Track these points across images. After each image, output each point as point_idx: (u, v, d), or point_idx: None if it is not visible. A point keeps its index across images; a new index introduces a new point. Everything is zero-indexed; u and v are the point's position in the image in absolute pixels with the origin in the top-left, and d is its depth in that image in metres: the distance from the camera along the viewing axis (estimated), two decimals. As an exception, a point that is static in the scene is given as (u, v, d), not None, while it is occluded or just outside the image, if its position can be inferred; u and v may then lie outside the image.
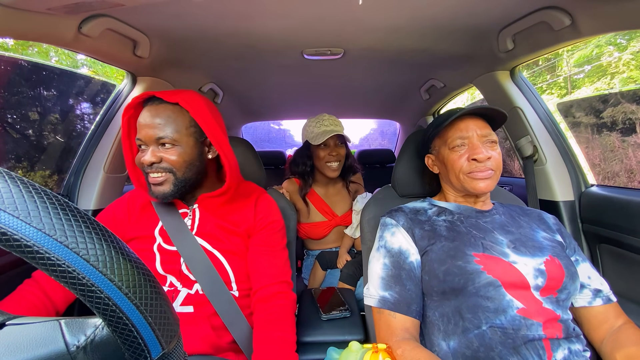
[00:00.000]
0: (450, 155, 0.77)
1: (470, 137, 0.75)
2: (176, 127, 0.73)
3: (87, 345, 0.24)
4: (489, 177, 0.73)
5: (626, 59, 3.78)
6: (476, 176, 0.73)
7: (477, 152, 0.72)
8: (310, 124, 1.35)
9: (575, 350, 0.62)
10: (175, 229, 0.79)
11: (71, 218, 0.23)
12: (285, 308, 0.78)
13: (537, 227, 0.77)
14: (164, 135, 0.72)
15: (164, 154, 0.73)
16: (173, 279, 0.78)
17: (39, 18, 0.74)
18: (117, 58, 1.04)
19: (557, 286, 0.65)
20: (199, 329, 0.74)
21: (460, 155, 0.75)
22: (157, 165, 0.73)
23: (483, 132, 0.75)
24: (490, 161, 0.73)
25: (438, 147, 0.82)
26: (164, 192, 0.74)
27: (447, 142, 0.78)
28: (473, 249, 0.69)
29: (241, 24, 0.96)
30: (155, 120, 0.72)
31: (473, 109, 0.76)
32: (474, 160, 0.73)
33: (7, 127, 1.72)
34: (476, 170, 0.73)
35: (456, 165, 0.75)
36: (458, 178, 0.76)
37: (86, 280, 0.23)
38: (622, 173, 3.51)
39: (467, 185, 0.75)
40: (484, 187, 0.73)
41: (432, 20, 0.95)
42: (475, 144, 0.74)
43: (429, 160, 0.87)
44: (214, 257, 0.80)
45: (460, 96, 1.83)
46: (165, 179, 0.74)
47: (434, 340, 0.67)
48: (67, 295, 0.76)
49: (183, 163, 0.74)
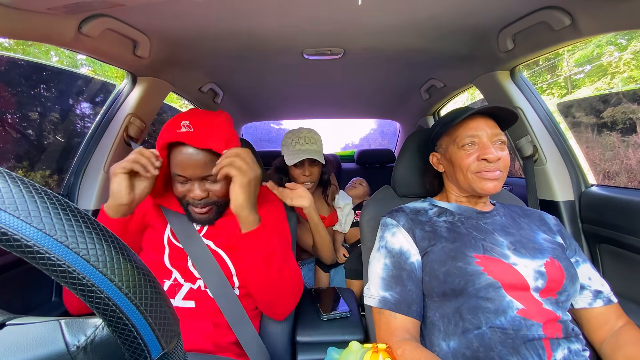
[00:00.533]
0: (459, 154, 0.76)
1: (480, 137, 0.74)
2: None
3: (87, 346, 0.24)
4: (497, 178, 0.73)
5: (626, 58, 3.78)
6: (485, 176, 0.73)
7: (488, 152, 0.72)
8: (287, 140, 1.31)
9: (575, 349, 0.62)
10: (183, 231, 0.83)
11: (71, 218, 0.24)
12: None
13: (538, 229, 0.77)
14: (209, 173, 0.75)
15: (210, 188, 0.78)
16: (178, 275, 0.80)
17: (39, 18, 0.74)
18: (117, 58, 1.04)
19: (557, 288, 0.65)
20: (199, 324, 0.74)
21: (469, 154, 0.74)
22: (206, 200, 0.78)
23: (493, 131, 0.74)
24: (500, 162, 0.73)
25: (445, 146, 0.81)
26: (208, 218, 0.81)
27: (456, 140, 0.77)
28: (474, 250, 0.69)
29: (241, 23, 0.96)
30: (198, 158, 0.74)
31: (485, 108, 0.75)
32: (483, 160, 0.72)
33: (7, 127, 1.72)
34: (485, 170, 0.73)
35: (465, 163, 0.74)
36: (466, 177, 0.75)
37: (86, 281, 0.23)
38: (622, 173, 3.51)
39: (474, 185, 0.74)
40: (491, 187, 0.73)
41: (432, 20, 0.95)
42: (485, 144, 0.73)
43: (434, 158, 0.85)
44: (217, 254, 0.82)
45: (460, 96, 1.83)
46: (209, 209, 0.80)
47: (434, 340, 0.67)
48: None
49: (226, 193, 0.77)
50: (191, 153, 0.74)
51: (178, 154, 0.75)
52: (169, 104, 2.56)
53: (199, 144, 0.72)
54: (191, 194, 0.76)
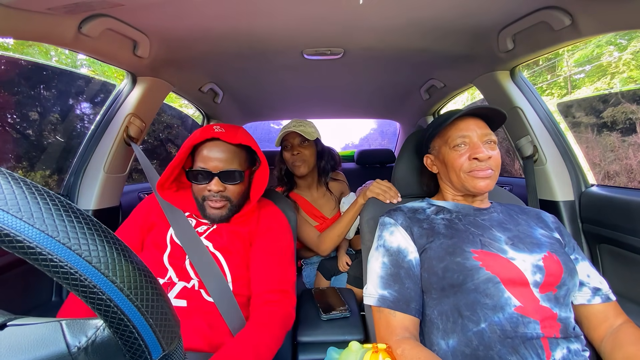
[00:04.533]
0: (451, 154, 0.78)
1: (470, 137, 0.76)
2: (239, 161, 0.85)
3: (88, 347, 0.24)
4: (489, 177, 0.75)
5: (626, 58, 3.78)
6: (477, 175, 0.75)
7: (478, 151, 0.74)
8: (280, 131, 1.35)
9: (575, 349, 0.62)
10: (183, 231, 0.85)
11: (74, 219, 0.24)
12: (275, 315, 0.76)
13: (535, 225, 0.78)
14: (230, 168, 0.83)
15: (228, 185, 0.84)
16: (173, 274, 0.80)
17: (39, 18, 0.74)
18: (117, 58, 1.04)
19: (556, 282, 0.66)
20: (192, 323, 0.74)
21: (461, 154, 0.76)
22: (222, 193, 0.83)
23: (483, 131, 0.76)
24: (491, 161, 0.75)
25: (438, 147, 0.83)
26: (220, 215, 0.85)
27: (447, 141, 0.79)
28: (471, 246, 0.69)
29: (241, 23, 0.96)
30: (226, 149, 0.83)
31: (473, 109, 0.77)
32: (475, 160, 0.74)
33: (7, 127, 1.72)
34: (477, 169, 0.75)
35: (457, 163, 0.76)
36: (459, 177, 0.77)
37: (88, 282, 0.23)
38: (622, 173, 3.51)
39: (467, 184, 0.76)
40: (484, 186, 0.75)
41: (432, 20, 0.95)
42: (476, 143, 0.75)
43: (428, 160, 0.87)
44: (215, 257, 0.83)
45: (460, 96, 1.83)
46: (224, 204, 0.84)
47: (433, 339, 0.68)
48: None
49: (241, 192, 0.86)
50: (221, 146, 0.83)
51: (208, 149, 0.83)
52: (169, 104, 2.56)
53: (231, 140, 0.83)
54: (209, 186, 0.82)
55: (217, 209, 0.84)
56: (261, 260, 0.84)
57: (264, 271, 0.83)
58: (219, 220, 0.86)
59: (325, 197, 1.45)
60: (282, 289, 0.81)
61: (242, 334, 0.71)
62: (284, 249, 0.89)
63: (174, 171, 0.87)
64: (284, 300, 0.80)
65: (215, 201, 0.83)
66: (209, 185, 0.82)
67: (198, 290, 0.78)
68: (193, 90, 1.54)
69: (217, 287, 0.78)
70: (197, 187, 0.84)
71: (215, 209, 0.84)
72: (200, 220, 0.89)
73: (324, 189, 1.46)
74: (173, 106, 2.66)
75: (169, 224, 0.87)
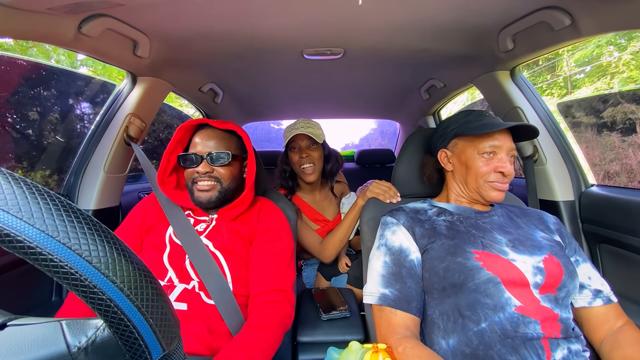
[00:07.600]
0: (478, 160, 0.78)
1: (501, 149, 0.77)
2: (227, 145, 0.88)
3: (89, 347, 0.24)
4: (504, 190, 0.78)
5: (626, 59, 3.78)
6: (497, 187, 0.77)
7: (505, 166, 0.76)
8: (286, 131, 1.33)
9: (575, 350, 0.62)
10: (183, 230, 0.85)
11: (74, 220, 0.24)
12: (273, 317, 0.75)
13: (536, 227, 0.78)
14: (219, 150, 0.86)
15: (216, 167, 0.86)
16: (173, 275, 0.80)
17: (39, 18, 0.74)
18: (117, 58, 1.04)
19: (556, 284, 0.66)
20: (192, 327, 0.74)
21: (487, 163, 0.77)
22: (210, 174, 0.85)
23: (511, 146, 0.78)
24: (511, 176, 0.77)
25: (462, 147, 0.81)
26: (209, 197, 0.85)
27: (478, 146, 0.78)
28: (473, 247, 0.70)
29: (241, 24, 0.96)
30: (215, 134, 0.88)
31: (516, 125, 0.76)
32: (500, 173, 0.76)
33: (7, 127, 1.72)
34: (498, 181, 0.77)
35: (482, 171, 0.77)
36: (477, 182, 0.78)
37: (88, 282, 0.23)
38: (622, 173, 3.51)
39: (483, 192, 0.78)
40: (497, 197, 0.77)
41: (432, 20, 0.95)
42: (504, 158, 0.76)
43: (443, 154, 0.85)
44: (214, 256, 0.83)
45: (461, 96, 1.83)
46: (213, 185, 0.86)
47: (433, 338, 0.68)
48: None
49: (231, 176, 0.88)
50: (210, 131, 0.88)
51: (198, 137, 0.88)
52: (169, 104, 2.56)
53: (220, 126, 0.89)
54: (197, 168, 0.85)
55: (206, 192, 0.85)
56: (260, 260, 0.84)
57: (263, 270, 0.82)
58: (207, 204, 0.85)
59: (327, 199, 1.44)
60: (281, 289, 0.81)
61: (240, 337, 0.70)
62: (284, 248, 0.88)
63: (170, 158, 0.90)
64: (283, 300, 0.80)
65: (203, 181, 0.85)
66: (197, 168, 0.85)
67: (198, 292, 0.78)
68: (193, 90, 1.54)
69: (217, 288, 0.78)
70: (188, 172, 0.87)
71: (203, 191, 0.85)
72: (198, 218, 0.89)
73: (327, 191, 1.45)
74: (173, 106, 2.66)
75: (167, 225, 0.87)
